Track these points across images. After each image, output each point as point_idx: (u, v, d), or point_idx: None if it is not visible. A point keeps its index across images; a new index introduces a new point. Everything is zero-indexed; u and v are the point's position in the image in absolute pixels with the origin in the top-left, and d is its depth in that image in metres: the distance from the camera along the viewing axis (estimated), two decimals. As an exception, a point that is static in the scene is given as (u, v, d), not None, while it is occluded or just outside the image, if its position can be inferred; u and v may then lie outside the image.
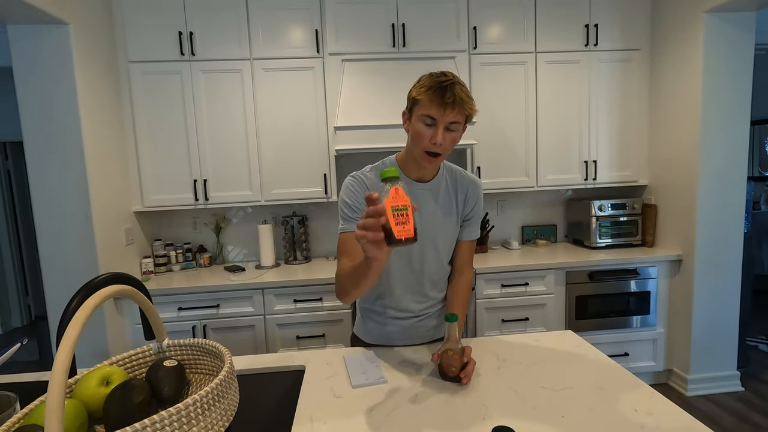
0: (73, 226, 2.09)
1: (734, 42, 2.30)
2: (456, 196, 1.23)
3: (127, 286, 0.61)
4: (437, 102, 1.00)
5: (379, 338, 1.35)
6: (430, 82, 1.02)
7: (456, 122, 1.03)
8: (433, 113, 1.01)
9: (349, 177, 1.21)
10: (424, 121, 1.04)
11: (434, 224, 1.20)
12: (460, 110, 1.02)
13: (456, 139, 1.08)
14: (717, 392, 2.51)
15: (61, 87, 2.02)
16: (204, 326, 2.27)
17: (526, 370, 1.15)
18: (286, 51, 2.45)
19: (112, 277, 0.85)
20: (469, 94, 1.03)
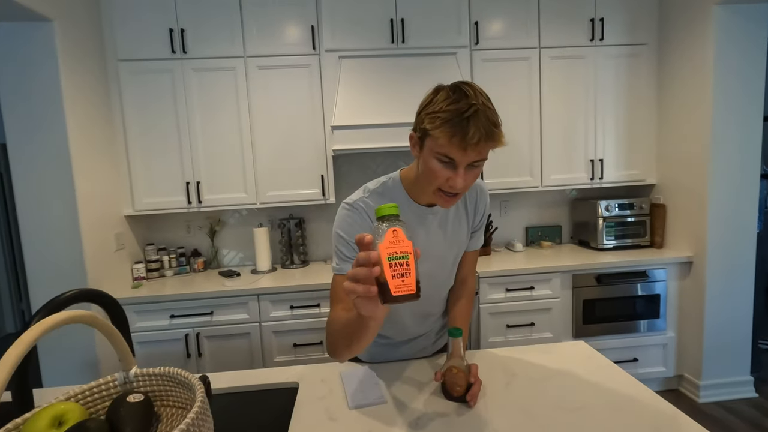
0: (59, 232, 2.01)
1: (746, 35, 2.21)
2: (466, 209, 1.11)
3: (81, 312, 0.52)
4: (457, 143, 0.80)
5: (377, 357, 1.25)
6: (447, 114, 0.80)
7: (481, 159, 0.85)
8: (452, 153, 0.82)
9: (344, 206, 1.02)
10: (440, 159, 0.85)
11: (444, 248, 1.09)
12: (486, 147, 0.83)
13: (477, 173, 0.89)
14: (730, 399, 2.42)
15: (45, 86, 1.93)
16: (197, 334, 2.19)
17: (536, 386, 1.06)
18: (280, 48, 2.37)
19: (80, 294, 0.76)
20: (496, 122, 0.83)
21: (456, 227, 1.09)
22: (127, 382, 0.63)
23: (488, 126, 0.80)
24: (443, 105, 0.82)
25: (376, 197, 1.02)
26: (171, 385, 0.63)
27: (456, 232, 1.09)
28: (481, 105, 0.81)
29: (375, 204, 1.00)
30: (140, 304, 2.15)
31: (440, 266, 1.10)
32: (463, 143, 0.80)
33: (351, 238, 0.96)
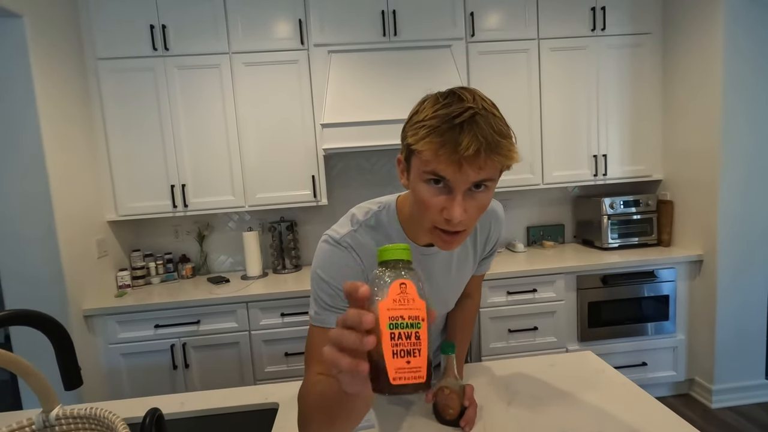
0: (35, 239, 1.90)
1: (756, 20, 2.10)
2: (475, 240, 0.93)
3: None
4: (447, 155, 0.60)
5: None
6: (434, 120, 0.61)
7: (485, 180, 0.63)
8: (443, 172, 0.62)
9: (328, 240, 0.81)
10: (428, 182, 0.65)
11: (447, 291, 0.95)
12: (490, 163, 0.61)
13: (486, 202, 0.68)
14: (744, 403, 2.31)
15: (16, 86, 1.83)
16: (184, 344, 2.09)
17: (541, 406, 0.95)
18: (267, 43, 2.26)
19: (12, 317, 0.66)
20: (503, 131, 0.62)
21: (462, 265, 0.92)
22: (47, 426, 0.52)
23: (489, 134, 0.59)
24: (430, 112, 0.62)
25: (367, 232, 0.82)
26: (96, 428, 0.52)
27: (461, 271, 0.93)
28: (481, 110, 0.61)
29: (366, 241, 0.80)
30: (123, 314, 2.05)
31: (443, 301, 0.97)
32: (455, 155, 0.59)
33: (336, 282, 0.76)
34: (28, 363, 0.50)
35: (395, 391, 0.41)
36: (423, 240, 0.81)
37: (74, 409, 0.55)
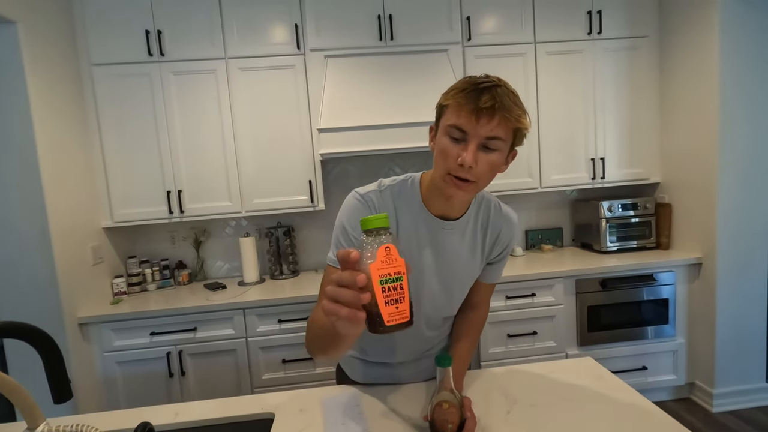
0: (29, 246, 1.88)
1: (753, 22, 2.10)
2: (485, 236, 0.98)
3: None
4: (469, 108, 0.73)
5: (368, 378, 1.12)
6: (463, 84, 0.77)
7: (496, 138, 0.75)
8: (463, 123, 0.75)
9: (355, 195, 0.92)
10: (451, 134, 0.78)
11: (456, 263, 0.96)
12: (503, 121, 0.74)
13: (496, 163, 0.78)
14: (745, 407, 2.30)
15: (9, 92, 1.81)
16: (180, 352, 2.06)
17: (541, 415, 0.94)
18: (263, 48, 2.25)
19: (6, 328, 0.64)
20: (518, 102, 0.76)
21: (471, 249, 0.97)
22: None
23: (505, 99, 0.74)
24: (461, 82, 0.79)
25: (390, 195, 0.92)
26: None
27: (469, 255, 0.97)
28: (503, 86, 0.76)
29: (388, 202, 0.91)
30: (119, 321, 2.03)
31: (445, 288, 0.97)
32: (476, 108, 0.73)
33: (354, 231, 0.88)
34: (12, 379, 0.48)
35: (388, 331, 0.55)
36: (435, 209, 0.91)
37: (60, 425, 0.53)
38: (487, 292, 1.10)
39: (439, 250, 0.93)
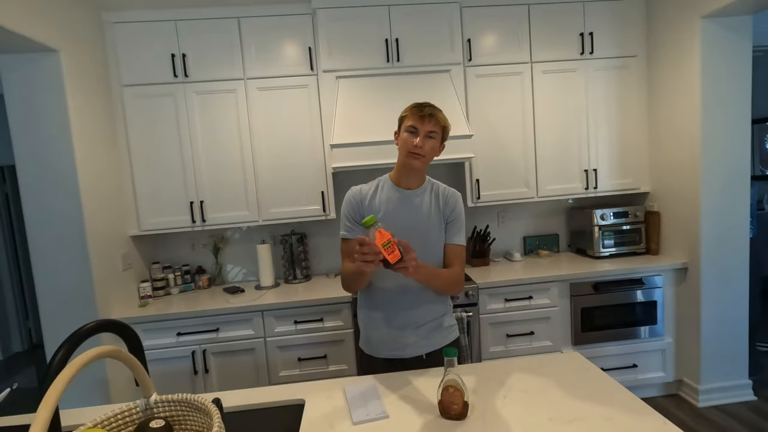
0: (68, 253, 2.06)
1: (732, 46, 2.28)
2: (438, 200, 1.41)
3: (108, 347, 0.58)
4: (417, 115, 1.29)
5: (380, 349, 1.41)
6: (413, 105, 1.34)
7: (433, 131, 1.30)
8: (415, 123, 1.29)
9: (350, 191, 1.43)
10: (409, 131, 1.31)
11: (422, 219, 1.38)
12: (436, 122, 1.30)
13: (435, 147, 1.33)
14: (729, 402, 2.46)
15: (53, 113, 2.00)
16: (204, 351, 2.24)
17: (532, 399, 1.11)
18: (279, 69, 2.44)
19: (100, 325, 0.81)
20: (442, 115, 1.33)
21: (429, 210, 1.39)
22: (147, 408, 0.68)
23: (436, 110, 1.32)
24: (411, 105, 1.35)
25: (370, 187, 1.43)
26: (188, 411, 0.68)
27: (430, 214, 1.39)
28: (434, 107, 1.33)
29: (368, 190, 1.42)
30: (148, 322, 2.20)
31: (416, 229, 1.36)
32: (421, 114, 1.29)
33: (350, 214, 1.40)
34: (135, 359, 0.65)
35: (392, 267, 1.09)
36: (403, 184, 1.39)
37: (167, 396, 0.70)
38: (455, 253, 1.40)
39: (412, 208, 1.38)
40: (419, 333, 1.38)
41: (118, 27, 2.34)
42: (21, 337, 4.13)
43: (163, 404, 0.68)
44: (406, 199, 1.38)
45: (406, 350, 1.37)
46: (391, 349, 1.39)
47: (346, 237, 1.39)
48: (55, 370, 0.72)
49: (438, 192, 1.42)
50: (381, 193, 1.40)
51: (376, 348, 1.42)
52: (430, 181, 1.44)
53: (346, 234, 1.39)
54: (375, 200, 1.39)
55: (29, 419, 1.19)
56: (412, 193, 1.39)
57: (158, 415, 0.65)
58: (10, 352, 4.06)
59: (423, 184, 1.41)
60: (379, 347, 1.41)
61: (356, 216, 1.38)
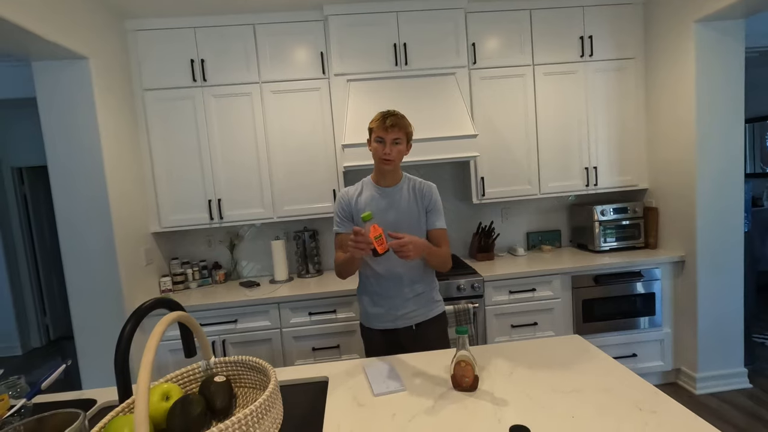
0: (96, 249, 2.19)
1: (725, 49, 2.38)
2: (416, 194, 1.61)
3: (182, 313, 0.69)
4: (382, 127, 1.49)
5: (375, 321, 1.65)
6: (377, 116, 1.53)
7: (398, 138, 1.50)
8: (381, 134, 1.49)
9: (339, 193, 1.68)
10: (377, 141, 1.51)
11: (402, 212, 1.58)
12: (398, 130, 1.49)
13: (401, 150, 1.53)
14: (726, 390, 2.56)
15: (82, 117, 2.13)
16: (223, 341, 2.35)
17: (536, 374, 1.22)
18: (293, 73, 2.56)
19: (158, 302, 0.93)
20: (405, 121, 1.53)
21: (408, 203, 1.60)
22: (208, 368, 0.80)
23: (398, 119, 1.50)
24: (377, 115, 1.54)
25: (356, 188, 1.65)
26: (244, 370, 0.79)
27: (409, 207, 1.59)
28: (393, 111, 1.53)
29: (354, 191, 1.64)
30: (170, 314, 2.32)
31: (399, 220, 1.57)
32: (384, 125, 1.48)
33: (340, 212, 1.63)
34: (200, 327, 0.76)
35: (379, 255, 1.32)
36: (382, 183, 1.60)
37: (224, 358, 0.82)
38: (439, 237, 1.61)
39: (392, 202, 1.59)
40: (408, 307, 1.62)
41: (141, 34, 2.47)
42: (39, 333, 4.26)
43: (222, 365, 0.80)
44: (386, 195, 1.60)
45: (397, 322, 1.62)
46: (385, 321, 1.63)
47: (338, 231, 1.63)
48: (126, 340, 0.83)
49: (415, 186, 1.62)
50: (365, 192, 1.63)
51: (373, 321, 1.66)
52: (406, 177, 1.65)
53: (338, 229, 1.64)
54: (360, 198, 1.61)
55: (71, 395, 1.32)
56: (391, 190, 1.60)
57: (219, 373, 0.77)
58: (29, 347, 4.20)
59: (400, 182, 1.62)
60: (375, 321, 1.66)
61: (345, 214, 1.62)
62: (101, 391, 1.36)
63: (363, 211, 1.53)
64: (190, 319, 0.72)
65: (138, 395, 0.52)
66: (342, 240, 1.58)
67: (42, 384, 1.14)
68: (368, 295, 1.67)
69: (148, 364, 0.55)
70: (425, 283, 1.66)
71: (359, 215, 1.53)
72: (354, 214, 1.61)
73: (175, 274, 2.67)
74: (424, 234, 1.61)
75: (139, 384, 0.53)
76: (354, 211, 1.60)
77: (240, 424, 0.58)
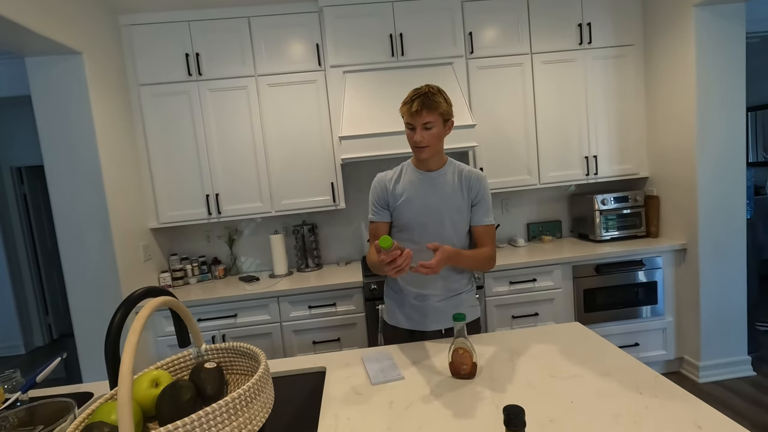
0: (94, 246, 2.18)
1: (725, 33, 2.35)
2: (461, 183, 1.45)
3: (169, 298, 0.68)
4: (409, 113, 1.33)
5: (403, 321, 1.51)
6: (406, 99, 1.36)
7: (429, 122, 1.33)
8: (409, 120, 1.35)
9: (375, 178, 1.53)
10: (408, 128, 1.38)
11: (444, 200, 1.43)
12: (428, 112, 1.31)
13: (436, 134, 1.36)
14: (729, 378, 2.54)
15: (77, 113, 2.12)
16: (223, 335, 2.35)
17: (536, 360, 1.21)
18: (288, 66, 2.54)
19: (149, 291, 0.92)
20: (436, 98, 1.32)
21: (452, 191, 1.44)
22: (199, 355, 0.79)
23: (426, 100, 1.31)
24: (406, 98, 1.37)
25: (395, 171, 1.52)
26: (235, 357, 0.78)
27: (453, 195, 1.44)
28: (425, 89, 1.34)
29: (391, 175, 1.50)
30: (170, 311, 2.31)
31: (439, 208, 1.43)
32: (412, 113, 1.32)
33: (376, 199, 1.49)
34: (188, 311, 0.75)
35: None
36: (422, 167, 1.46)
37: (216, 345, 0.81)
38: (485, 234, 1.46)
39: (434, 188, 1.44)
40: (440, 309, 1.47)
41: (134, 29, 2.45)
42: (42, 331, 4.27)
43: (213, 351, 0.79)
44: (428, 180, 1.44)
45: (427, 324, 1.48)
46: (413, 321, 1.50)
47: (374, 220, 1.50)
48: (116, 328, 0.82)
49: (462, 174, 1.45)
50: (404, 176, 1.48)
51: (399, 320, 1.53)
52: (452, 162, 1.48)
53: (373, 217, 1.50)
54: (399, 184, 1.47)
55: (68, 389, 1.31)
56: (434, 174, 1.45)
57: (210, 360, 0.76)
58: (32, 346, 4.21)
59: (444, 166, 1.46)
60: (402, 320, 1.52)
61: (381, 202, 1.48)
62: (99, 384, 1.35)
63: (401, 197, 1.43)
64: (178, 304, 0.71)
65: (121, 376, 0.51)
66: (377, 229, 1.47)
67: (37, 377, 1.13)
68: (396, 290, 1.53)
69: (132, 345, 0.54)
70: (460, 283, 1.50)
71: (396, 202, 1.44)
72: (390, 201, 1.46)
73: (175, 270, 2.66)
74: (467, 226, 1.46)
75: (123, 364, 0.52)
76: (390, 197, 1.46)
77: (228, 407, 0.56)
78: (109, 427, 0.60)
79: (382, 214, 1.48)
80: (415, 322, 1.49)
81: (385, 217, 1.48)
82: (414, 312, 1.49)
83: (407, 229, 1.45)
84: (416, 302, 1.48)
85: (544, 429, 0.88)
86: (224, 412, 0.56)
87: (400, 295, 1.52)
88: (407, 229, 1.45)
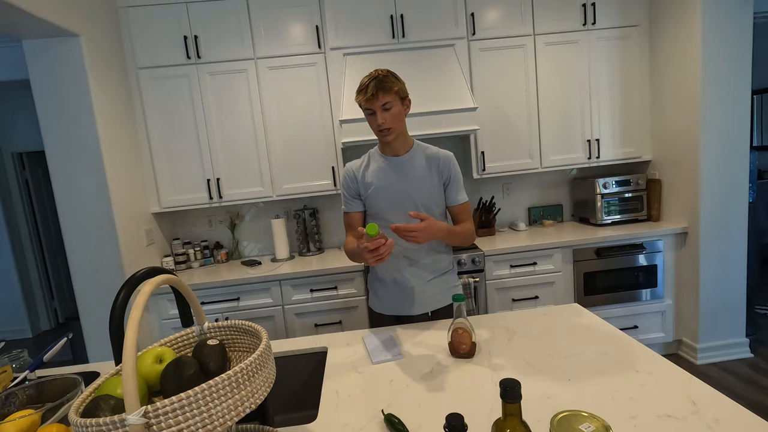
0: (97, 231, 2.19)
1: (732, 13, 2.31)
2: (430, 165, 1.44)
3: (172, 276, 0.69)
4: (364, 98, 1.31)
5: (389, 307, 1.51)
6: (358, 89, 1.34)
7: (387, 102, 1.30)
8: (368, 106, 1.32)
9: (344, 169, 1.51)
10: (367, 114, 1.35)
11: (414, 184, 1.42)
12: (384, 94, 1.29)
13: (397, 113, 1.34)
14: (727, 359, 2.57)
15: (76, 96, 2.11)
16: (226, 318, 2.38)
17: (534, 340, 1.22)
18: (288, 48, 2.51)
19: (151, 271, 0.93)
20: (386, 79, 1.30)
21: (421, 174, 1.43)
22: (202, 333, 0.80)
23: (378, 83, 1.28)
24: (359, 86, 1.34)
25: (362, 161, 1.50)
26: (237, 334, 0.80)
27: (422, 178, 1.43)
28: (374, 73, 1.31)
29: (359, 164, 1.49)
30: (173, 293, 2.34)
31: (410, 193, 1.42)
32: (367, 95, 1.29)
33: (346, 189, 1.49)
34: (191, 291, 0.76)
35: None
36: (388, 152, 1.44)
37: (218, 323, 0.82)
38: (463, 212, 1.47)
39: (403, 173, 1.43)
40: (425, 292, 1.47)
41: (132, 11, 2.42)
42: (48, 316, 4.33)
43: (215, 329, 0.80)
44: (396, 165, 1.43)
45: (413, 308, 1.47)
46: (399, 307, 1.49)
47: (347, 211, 1.50)
48: (120, 306, 0.84)
49: (430, 155, 1.45)
50: (372, 164, 1.46)
51: (385, 307, 1.52)
52: (419, 144, 1.47)
53: (346, 208, 1.50)
54: (367, 172, 1.46)
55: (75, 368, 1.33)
56: (401, 159, 1.43)
57: (213, 337, 0.77)
58: (38, 330, 4.27)
59: (411, 149, 1.45)
60: (387, 306, 1.51)
61: (352, 192, 1.47)
62: (105, 364, 1.38)
63: (371, 186, 1.42)
64: (180, 282, 0.72)
65: (126, 348, 0.52)
66: (351, 220, 1.48)
67: (44, 356, 1.15)
68: (380, 276, 1.52)
69: (135, 320, 0.55)
70: (444, 264, 1.51)
71: (367, 191, 1.43)
72: (361, 190, 1.45)
73: (177, 254, 2.68)
74: (439, 207, 1.46)
75: (127, 337, 0.53)
76: (361, 187, 1.45)
77: (230, 381, 0.58)
78: (115, 399, 0.61)
79: (354, 204, 1.48)
80: (401, 307, 1.48)
81: (358, 207, 1.48)
82: (399, 297, 1.48)
83: (380, 216, 1.44)
84: (400, 287, 1.47)
85: (541, 404, 0.90)
86: (226, 386, 0.58)
87: (383, 282, 1.51)
88: (380, 217, 1.44)
